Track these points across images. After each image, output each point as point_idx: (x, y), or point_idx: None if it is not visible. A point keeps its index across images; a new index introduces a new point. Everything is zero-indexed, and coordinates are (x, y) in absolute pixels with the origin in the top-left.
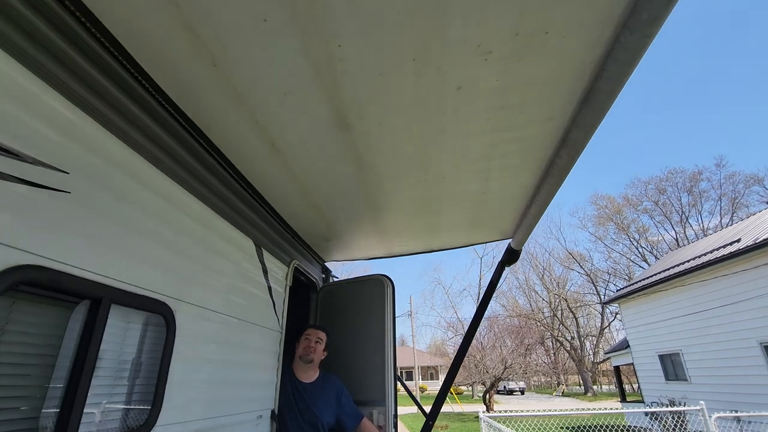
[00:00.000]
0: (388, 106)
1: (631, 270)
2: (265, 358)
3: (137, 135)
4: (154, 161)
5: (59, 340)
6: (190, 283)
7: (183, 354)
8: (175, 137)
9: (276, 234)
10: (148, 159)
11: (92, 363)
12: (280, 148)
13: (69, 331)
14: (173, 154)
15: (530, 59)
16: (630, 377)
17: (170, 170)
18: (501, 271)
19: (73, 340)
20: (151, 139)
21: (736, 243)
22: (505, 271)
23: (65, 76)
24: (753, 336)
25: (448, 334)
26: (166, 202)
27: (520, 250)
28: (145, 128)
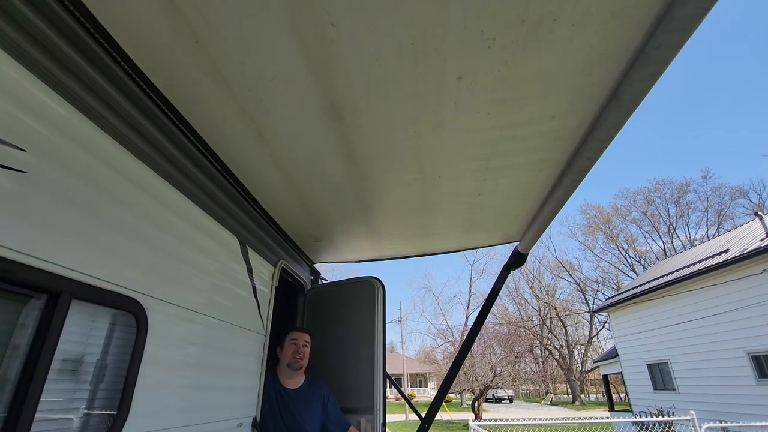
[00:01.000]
0: (383, 96)
1: (619, 279)
2: (247, 363)
3: (107, 113)
4: (127, 145)
5: (7, 337)
6: (166, 280)
7: (155, 356)
8: (150, 119)
9: (262, 232)
10: (121, 142)
11: (46, 364)
12: (268, 138)
13: (20, 328)
14: (149, 137)
15: (535, 49)
16: (618, 386)
17: (146, 156)
18: (506, 275)
19: (26, 338)
20: (124, 119)
21: (725, 253)
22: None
23: (23, 42)
24: (741, 346)
25: (437, 341)
26: (140, 190)
27: (527, 254)
28: (116, 106)
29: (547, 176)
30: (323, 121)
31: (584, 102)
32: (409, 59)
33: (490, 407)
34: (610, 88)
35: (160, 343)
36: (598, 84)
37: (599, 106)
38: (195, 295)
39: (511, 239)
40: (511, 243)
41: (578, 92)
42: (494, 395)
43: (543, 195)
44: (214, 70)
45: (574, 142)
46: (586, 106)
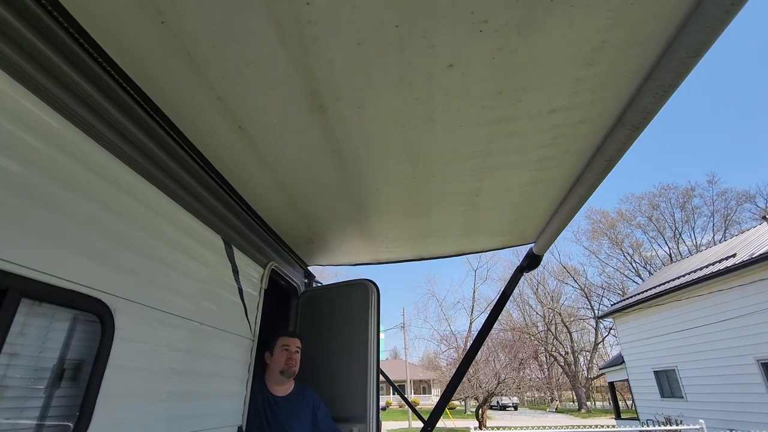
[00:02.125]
0: (368, 85)
1: (624, 285)
2: (232, 368)
3: (64, 96)
4: (91, 132)
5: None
6: (138, 280)
7: (124, 361)
8: (116, 104)
9: (250, 232)
10: (82, 128)
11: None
12: (248, 130)
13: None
14: (115, 123)
15: (532, 33)
16: (624, 393)
17: (113, 146)
18: (518, 277)
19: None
20: (85, 103)
21: (732, 258)
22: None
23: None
24: (750, 353)
25: (441, 347)
26: (105, 182)
27: (541, 256)
28: (74, 88)
29: (552, 176)
30: (306, 112)
31: (587, 95)
32: (394, 44)
33: (494, 415)
34: (615, 82)
35: (130, 347)
36: (602, 76)
37: (592, 99)
38: (172, 296)
39: (513, 243)
40: (511, 247)
41: (580, 84)
42: (499, 402)
43: (553, 196)
44: (185, 54)
45: (577, 141)
46: (588, 100)
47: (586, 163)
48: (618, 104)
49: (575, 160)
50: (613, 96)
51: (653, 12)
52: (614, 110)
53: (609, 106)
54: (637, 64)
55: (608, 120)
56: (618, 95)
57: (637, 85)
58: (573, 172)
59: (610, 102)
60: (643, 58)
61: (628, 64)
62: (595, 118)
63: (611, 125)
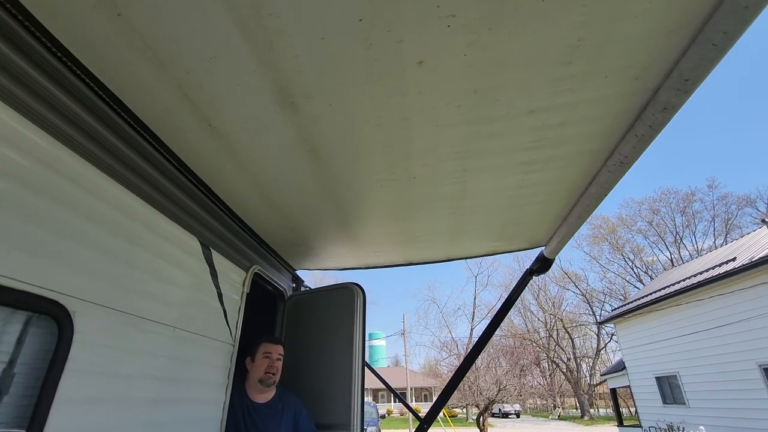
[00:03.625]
0: (337, 82)
1: (626, 290)
2: (210, 374)
3: (17, 90)
4: (43, 125)
5: None
6: (101, 282)
7: (84, 366)
8: (76, 98)
9: (231, 234)
10: (33, 120)
11: None
12: (219, 130)
13: None
14: (75, 120)
15: (502, 28)
16: (627, 400)
17: (73, 142)
18: (527, 281)
19: None
20: (37, 94)
21: (732, 261)
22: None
23: None
24: (752, 358)
25: (442, 354)
26: (62, 178)
27: (552, 260)
28: (30, 83)
29: (556, 178)
30: (277, 110)
31: (567, 96)
32: (359, 38)
33: (496, 422)
34: (595, 83)
35: (93, 352)
36: (581, 76)
37: (573, 99)
38: (142, 299)
39: (505, 249)
40: (505, 252)
41: (559, 84)
42: (501, 410)
43: (565, 198)
44: (147, 48)
45: (560, 145)
46: (570, 101)
47: (602, 164)
48: (603, 106)
49: (580, 162)
50: (595, 97)
51: (628, 10)
52: (599, 112)
53: (592, 108)
54: (618, 64)
55: (597, 123)
56: (600, 96)
57: (620, 86)
58: (585, 174)
59: (592, 104)
60: (623, 59)
61: (608, 63)
62: (578, 121)
63: (602, 128)
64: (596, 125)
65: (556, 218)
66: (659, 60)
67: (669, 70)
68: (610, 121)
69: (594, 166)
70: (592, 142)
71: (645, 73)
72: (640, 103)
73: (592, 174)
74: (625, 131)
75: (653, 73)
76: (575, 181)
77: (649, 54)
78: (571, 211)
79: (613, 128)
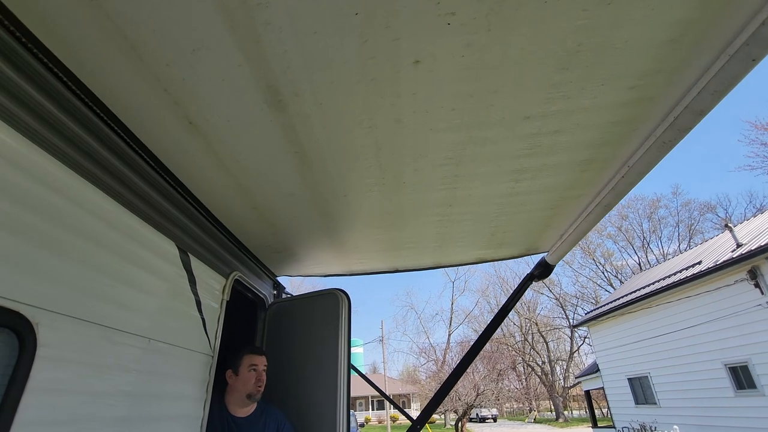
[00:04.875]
0: (329, 80)
1: (597, 294)
2: (188, 388)
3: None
4: (8, 120)
5: None
6: (68, 289)
7: (49, 383)
8: (40, 88)
9: (210, 239)
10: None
11: None
12: (201, 128)
13: None
14: (39, 111)
15: (502, 29)
16: (600, 402)
17: (37, 135)
18: (527, 285)
19: None
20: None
21: (698, 265)
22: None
23: None
24: (718, 358)
25: (420, 360)
26: (16, 170)
27: (554, 266)
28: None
29: (530, 188)
30: (264, 108)
31: (562, 103)
32: (354, 34)
33: (474, 427)
34: (591, 90)
35: (59, 368)
36: (578, 82)
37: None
38: (115, 309)
39: (491, 257)
40: (488, 262)
41: (555, 90)
42: (478, 415)
43: (574, 207)
44: (122, 38)
45: (553, 153)
46: (564, 108)
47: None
48: (597, 114)
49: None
50: (590, 105)
51: (630, 15)
52: (593, 121)
53: (586, 116)
54: (614, 71)
55: (590, 132)
56: (595, 105)
57: (616, 95)
58: (579, 183)
59: (586, 112)
60: (620, 66)
61: (604, 71)
62: (572, 129)
63: (595, 137)
64: (589, 134)
65: (557, 226)
66: (656, 70)
67: (666, 81)
68: (603, 131)
69: (588, 176)
70: (585, 151)
71: (641, 82)
72: (634, 114)
73: (588, 183)
74: (619, 141)
75: (649, 82)
76: (568, 189)
77: (646, 63)
78: (576, 219)
79: (605, 138)
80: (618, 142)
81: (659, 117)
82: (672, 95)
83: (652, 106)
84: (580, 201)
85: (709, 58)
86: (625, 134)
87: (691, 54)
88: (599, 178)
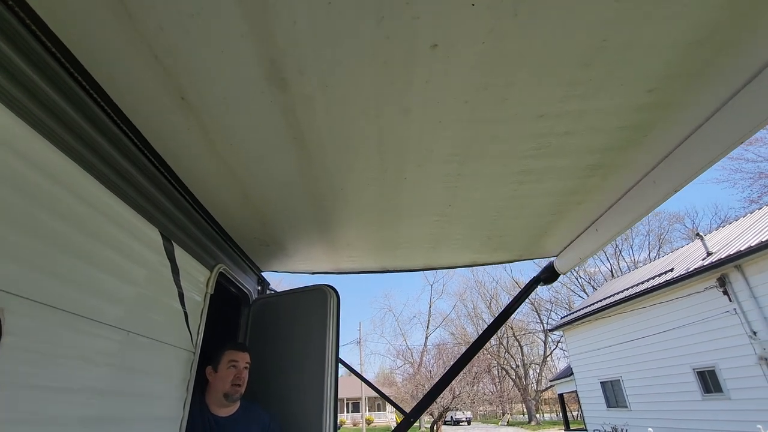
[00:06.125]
0: (338, 59)
1: (571, 300)
2: (168, 386)
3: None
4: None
5: None
6: (39, 273)
7: (11, 379)
8: (9, 40)
9: (196, 228)
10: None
11: None
12: (194, 104)
13: None
14: (11, 71)
15: (529, 16)
16: (572, 405)
17: (4, 98)
18: (532, 288)
19: None
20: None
21: (670, 272)
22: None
23: None
24: (687, 362)
25: (397, 363)
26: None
27: (560, 273)
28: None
29: (531, 192)
30: (264, 86)
31: (576, 103)
32: (371, 8)
33: (448, 430)
34: (608, 90)
35: (24, 360)
36: (597, 81)
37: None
38: (90, 297)
39: (484, 261)
40: (481, 265)
41: (572, 88)
42: (452, 417)
43: (585, 212)
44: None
45: (561, 156)
46: (577, 109)
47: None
48: (610, 118)
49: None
50: (604, 107)
51: (660, 11)
52: (605, 124)
53: (599, 118)
54: (635, 72)
55: (600, 136)
56: (609, 106)
57: (632, 98)
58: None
59: (599, 114)
60: (642, 67)
61: (625, 70)
62: (583, 131)
63: (604, 142)
64: (599, 138)
65: (556, 232)
66: (677, 74)
67: (684, 86)
68: (613, 136)
69: (593, 182)
70: (592, 156)
71: (660, 85)
72: (647, 120)
73: (591, 190)
74: (627, 147)
75: (669, 86)
76: (570, 195)
77: (668, 65)
78: (587, 228)
79: (613, 143)
80: (626, 149)
81: (672, 125)
82: (688, 103)
83: (667, 113)
84: (584, 209)
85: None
86: (635, 140)
87: (715, 58)
88: (604, 184)
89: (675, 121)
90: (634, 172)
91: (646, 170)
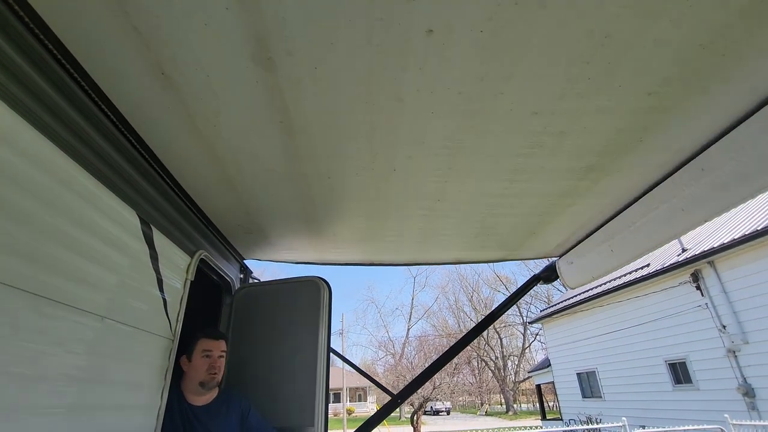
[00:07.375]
0: (328, 41)
1: (549, 293)
2: (145, 374)
3: None
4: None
5: None
6: (9, 255)
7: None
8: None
9: (176, 212)
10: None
11: None
12: (175, 80)
13: None
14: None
15: (531, 5)
16: (548, 395)
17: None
18: (532, 285)
19: None
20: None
21: (646, 267)
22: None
23: None
24: (659, 354)
25: (379, 354)
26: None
27: (558, 278)
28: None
29: (522, 191)
30: (250, 65)
31: (573, 101)
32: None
33: (428, 420)
34: (605, 90)
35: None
36: (595, 79)
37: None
38: (62, 281)
39: (470, 259)
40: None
41: (570, 85)
42: (432, 408)
43: (587, 214)
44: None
45: (554, 156)
46: (574, 108)
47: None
48: (605, 119)
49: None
50: (602, 107)
51: (667, 9)
52: (600, 125)
53: (595, 119)
54: (636, 72)
55: (594, 136)
56: (606, 107)
57: (630, 100)
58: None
59: (596, 114)
60: (643, 67)
61: (626, 70)
62: (578, 132)
63: (599, 144)
64: (594, 139)
65: (545, 233)
66: (678, 76)
67: (685, 90)
68: (608, 138)
69: (584, 185)
70: (585, 158)
71: (660, 88)
72: (643, 124)
73: (583, 193)
74: (622, 151)
75: (669, 90)
76: (561, 197)
77: (669, 67)
78: (593, 232)
79: (608, 147)
80: (620, 153)
81: (670, 132)
82: (687, 109)
83: (664, 117)
84: (575, 212)
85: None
86: (630, 145)
87: (719, 63)
88: (596, 188)
89: (673, 128)
90: (627, 179)
91: (641, 178)
